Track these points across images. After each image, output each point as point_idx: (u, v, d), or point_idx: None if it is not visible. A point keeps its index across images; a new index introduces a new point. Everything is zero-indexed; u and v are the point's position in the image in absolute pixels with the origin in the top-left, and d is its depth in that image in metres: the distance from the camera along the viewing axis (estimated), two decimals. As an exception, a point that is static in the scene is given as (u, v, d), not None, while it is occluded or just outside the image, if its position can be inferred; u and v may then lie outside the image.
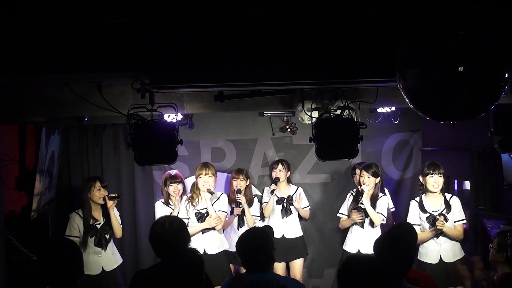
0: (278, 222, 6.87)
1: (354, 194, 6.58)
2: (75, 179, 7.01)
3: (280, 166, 6.93)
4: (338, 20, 4.17)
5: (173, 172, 6.59)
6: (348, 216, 6.54)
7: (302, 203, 6.95)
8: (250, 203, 6.78)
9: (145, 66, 4.19)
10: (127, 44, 4.08)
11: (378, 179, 6.40)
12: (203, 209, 6.28)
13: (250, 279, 3.90)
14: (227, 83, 4.54)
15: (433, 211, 5.96)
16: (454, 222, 6.00)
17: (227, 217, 6.43)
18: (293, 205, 6.92)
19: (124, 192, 7.05)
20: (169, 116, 5.49)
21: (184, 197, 6.41)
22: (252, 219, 6.69)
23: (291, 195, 6.96)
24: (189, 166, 7.23)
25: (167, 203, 6.48)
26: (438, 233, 5.92)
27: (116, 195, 6.24)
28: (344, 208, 6.65)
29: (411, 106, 3.52)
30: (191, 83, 4.48)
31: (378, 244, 3.87)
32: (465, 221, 6.06)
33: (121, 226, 6.32)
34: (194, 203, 6.31)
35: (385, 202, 6.45)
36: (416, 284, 4.04)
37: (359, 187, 6.40)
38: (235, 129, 7.41)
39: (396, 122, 6.92)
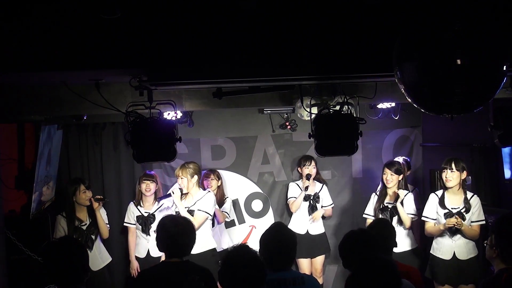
0: (304, 218, 6.92)
1: (378, 194, 6.50)
2: (66, 183, 6.98)
3: (313, 163, 6.96)
4: (336, 14, 4.16)
5: (151, 171, 6.67)
6: (374, 215, 6.41)
7: (326, 201, 7.03)
8: (220, 204, 6.73)
9: (142, 63, 4.19)
10: (124, 41, 4.07)
11: (401, 176, 6.37)
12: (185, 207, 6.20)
13: (275, 277, 3.84)
14: (225, 79, 4.52)
15: (452, 208, 5.89)
16: (472, 221, 5.89)
17: (208, 217, 6.21)
18: (319, 203, 6.97)
19: (125, 190, 7.05)
20: (168, 113, 5.47)
21: (178, 192, 6.33)
22: (223, 215, 6.75)
23: (317, 192, 6.99)
24: (189, 164, 7.21)
25: (138, 204, 6.55)
26: (453, 230, 5.86)
27: (101, 197, 6.30)
28: (370, 209, 6.54)
29: (409, 100, 3.50)
30: (189, 79, 4.46)
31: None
32: (483, 222, 5.92)
33: (108, 226, 6.41)
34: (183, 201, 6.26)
35: (412, 200, 6.37)
36: (410, 278, 4.05)
37: (389, 190, 6.34)
38: (235, 127, 7.39)
39: (396, 118, 6.91)
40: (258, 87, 5.12)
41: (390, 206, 6.33)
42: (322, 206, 7.03)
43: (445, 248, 5.97)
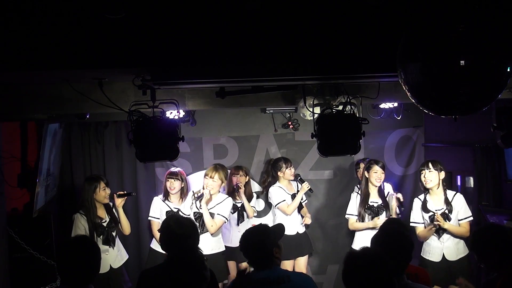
0: (294, 220, 6.84)
1: (360, 192, 6.49)
2: (78, 176, 7.01)
3: (291, 167, 6.91)
4: (339, 14, 4.15)
5: (176, 169, 6.60)
6: (359, 215, 6.40)
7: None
8: (249, 199, 6.82)
9: (146, 62, 4.18)
10: (127, 40, 4.07)
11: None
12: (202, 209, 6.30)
13: (260, 276, 3.87)
14: (228, 79, 4.52)
15: (436, 210, 5.91)
16: (459, 220, 5.94)
17: (225, 222, 6.39)
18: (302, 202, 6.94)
19: (126, 189, 7.05)
20: (171, 113, 5.48)
21: (190, 193, 6.39)
22: (251, 210, 6.78)
23: (295, 193, 6.95)
24: (191, 163, 7.24)
25: (165, 199, 6.52)
26: (440, 230, 5.88)
27: (125, 192, 6.24)
28: (353, 209, 6.53)
29: (413, 101, 3.50)
30: (193, 79, 4.45)
31: (376, 240, 3.85)
32: (471, 219, 5.99)
33: (129, 222, 6.35)
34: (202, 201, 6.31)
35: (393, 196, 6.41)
36: (418, 279, 4.05)
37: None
38: (237, 126, 7.39)
39: (399, 118, 6.90)
40: (261, 86, 5.11)
41: (375, 205, 6.32)
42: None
43: (434, 250, 6.00)
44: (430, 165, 5.93)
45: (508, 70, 3.23)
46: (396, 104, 6.49)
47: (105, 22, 3.89)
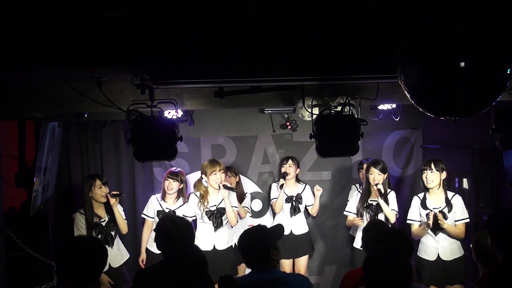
0: (286, 219, 6.88)
1: (360, 191, 6.48)
2: (75, 175, 7.01)
3: (290, 162, 6.93)
4: (339, 16, 4.15)
5: (176, 169, 6.59)
6: (357, 213, 6.40)
7: (309, 200, 7.02)
8: (241, 199, 6.74)
9: (144, 62, 4.18)
10: (126, 39, 4.07)
11: (386, 174, 6.38)
12: (212, 206, 6.28)
13: (257, 279, 3.85)
14: (227, 79, 4.51)
15: (433, 208, 5.93)
16: (456, 221, 5.96)
17: (236, 209, 6.39)
18: (301, 204, 6.95)
19: (125, 188, 7.05)
20: (169, 112, 5.47)
21: (193, 196, 6.39)
22: (244, 210, 6.72)
23: (300, 193, 6.97)
24: (189, 163, 7.23)
25: (162, 198, 6.51)
26: (436, 229, 5.89)
27: (117, 192, 6.23)
28: (352, 206, 6.53)
29: (413, 102, 3.49)
30: (191, 78, 4.45)
31: (370, 266, 3.39)
32: (467, 220, 6.00)
33: (126, 221, 6.32)
34: (205, 202, 6.30)
35: (394, 197, 6.41)
36: None
37: (375, 186, 6.26)
38: (235, 126, 7.39)
39: (397, 120, 6.90)
40: (259, 87, 5.11)
41: (374, 203, 6.33)
42: (305, 206, 7.01)
43: (429, 249, 6.02)
44: (432, 165, 5.92)
45: (508, 72, 3.23)
46: (394, 106, 6.49)
47: (104, 21, 3.89)
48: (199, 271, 3.65)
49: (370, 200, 6.36)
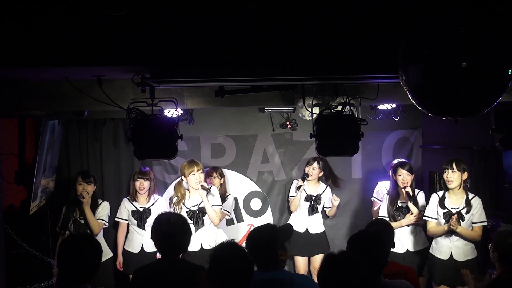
0: (303, 218, 6.94)
1: (389, 194, 6.45)
2: (75, 173, 6.99)
3: (315, 164, 6.92)
4: (340, 15, 4.14)
5: (145, 168, 6.66)
6: (389, 215, 6.35)
7: (328, 202, 7.06)
8: (223, 200, 6.68)
9: (145, 60, 4.17)
10: (127, 37, 4.06)
11: (413, 175, 6.38)
12: (193, 206, 6.27)
13: (263, 278, 3.81)
14: (228, 78, 4.51)
15: (451, 208, 5.90)
16: (473, 223, 5.90)
17: (221, 209, 6.41)
18: (319, 204, 6.98)
19: (124, 187, 7.06)
20: (169, 111, 5.47)
21: (167, 198, 6.45)
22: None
23: (320, 194, 6.98)
24: (188, 162, 7.22)
25: (134, 199, 6.54)
26: (452, 231, 5.87)
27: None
28: (383, 210, 6.48)
29: (414, 102, 3.49)
30: (192, 77, 4.44)
31: (353, 242, 3.78)
32: (485, 223, 5.94)
33: (105, 222, 6.39)
34: (184, 203, 6.30)
35: (423, 197, 6.43)
36: (407, 278, 4.05)
37: (403, 189, 6.26)
38: (235, 125, 7.40)
39: (397, 119, 6.91)
40: (260, 86, 5.11)
41: (404, 206, 6.33)
42: (323, 207, 7.04)
43: (443, 248, 6.00)
44: (454, 165, 5.87)
45: (510, 72, 3.23)
46: (394, 106, 6.50)
47: (106, 19, 3.88)
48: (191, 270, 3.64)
49: (400, 203, 6.35)
